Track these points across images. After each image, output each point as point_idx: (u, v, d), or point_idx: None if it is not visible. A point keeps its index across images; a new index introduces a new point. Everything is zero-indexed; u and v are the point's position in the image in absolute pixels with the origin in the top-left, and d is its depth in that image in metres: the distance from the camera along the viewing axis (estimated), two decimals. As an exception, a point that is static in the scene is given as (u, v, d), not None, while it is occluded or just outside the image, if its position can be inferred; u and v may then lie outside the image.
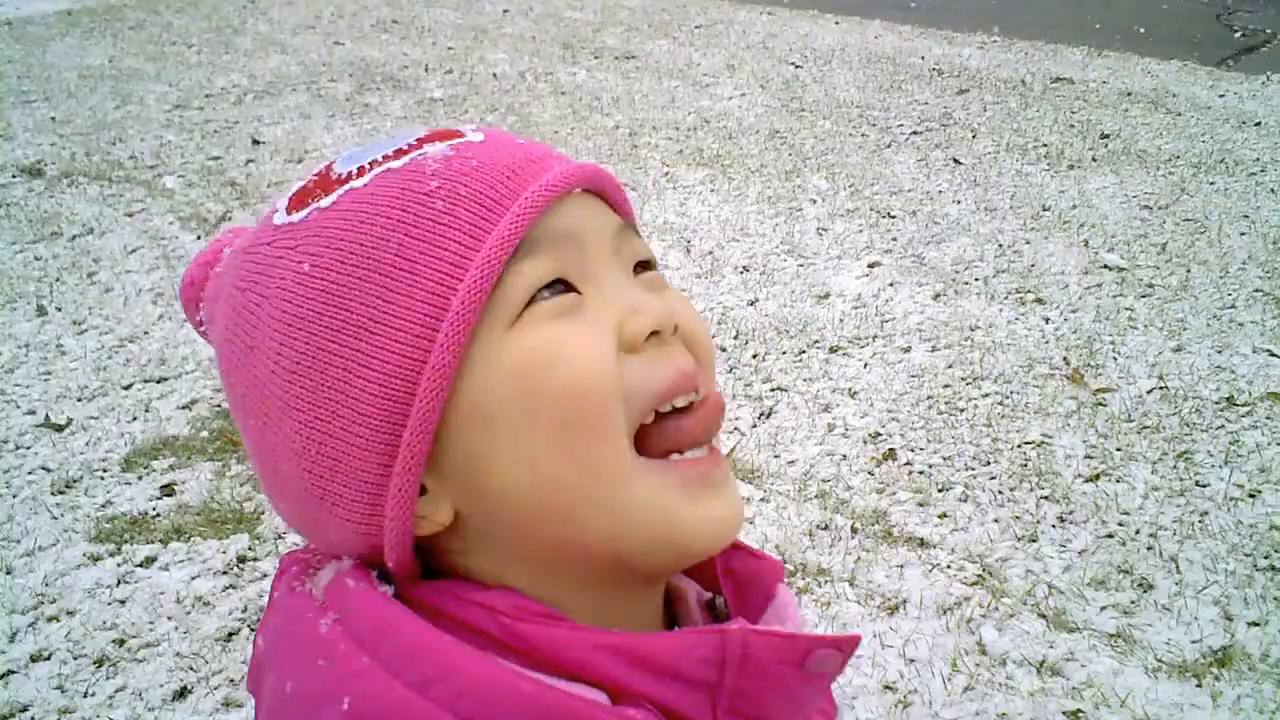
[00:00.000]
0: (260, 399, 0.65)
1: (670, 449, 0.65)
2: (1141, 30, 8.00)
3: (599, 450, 0.62)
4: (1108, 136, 6.00)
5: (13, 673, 2.53)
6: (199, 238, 4.83)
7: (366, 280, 0.62)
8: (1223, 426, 3.25)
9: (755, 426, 3.34)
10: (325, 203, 0.65)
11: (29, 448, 3.38)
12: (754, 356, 3.75)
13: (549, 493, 0.63)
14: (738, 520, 0.68)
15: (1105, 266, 4.38)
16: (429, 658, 0.60)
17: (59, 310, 4.23)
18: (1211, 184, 5.26)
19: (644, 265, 0.71)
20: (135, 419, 3.50)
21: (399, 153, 0.66)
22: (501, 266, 0.62)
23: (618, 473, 0.63)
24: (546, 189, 0.65)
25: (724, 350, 3.80)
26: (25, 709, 2.43)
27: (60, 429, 3.46)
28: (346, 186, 0.65)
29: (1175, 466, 3.06)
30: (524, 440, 0.62)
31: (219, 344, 0.69)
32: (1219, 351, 3.69)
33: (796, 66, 7.59)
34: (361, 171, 0.66)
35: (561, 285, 0.65)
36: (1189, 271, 4.31)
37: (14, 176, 5.67)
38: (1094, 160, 5.64)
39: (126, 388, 3.68)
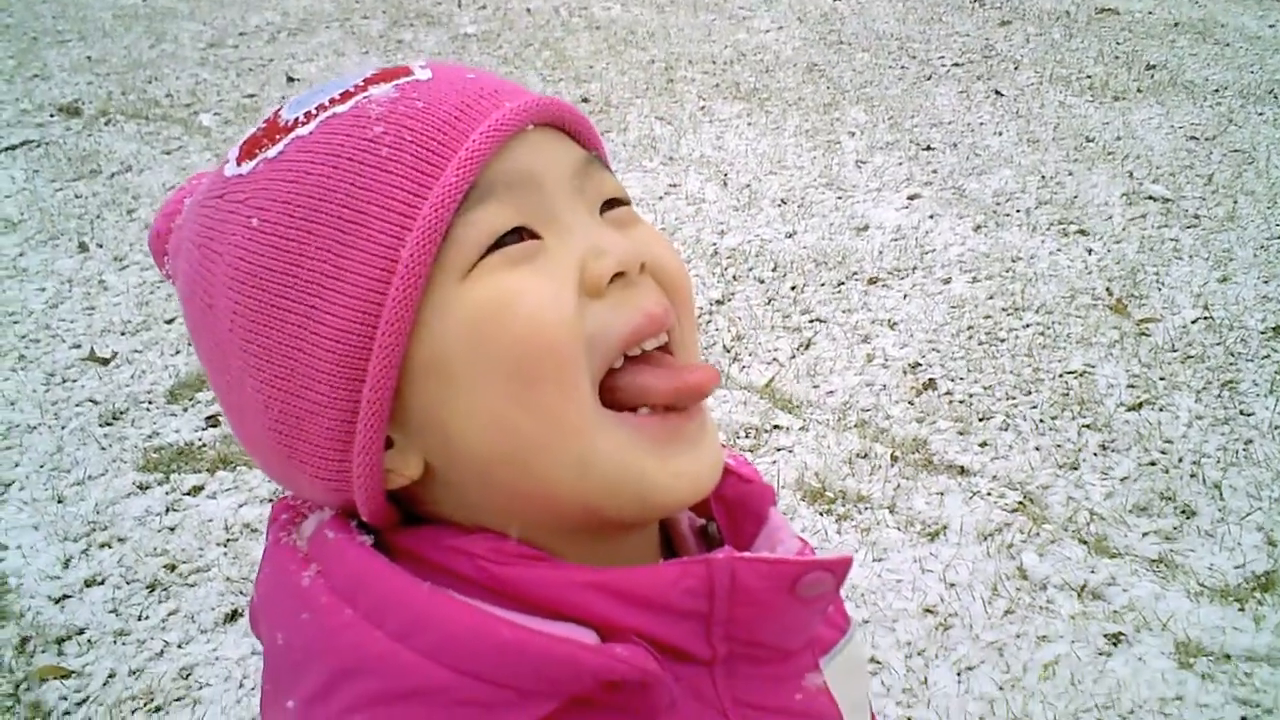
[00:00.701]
0: (223, 357, 0.64)
1: (637, 405, 0.63)
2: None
3: (558, 402, 0.60)
4: (1153, 67, 5.87)
5: (68, 597, 2.59)
6: (237, 175, 4.85)
7: (315, 235, 0.60)
8: (1269, 356, 3.20)
9: (794, 357, 3.33)
10: (272, 153, 0.63)
11: (76, 380, 3.43)
12: (792, 288, 3.73)
13: (510, 446, 0.61)
14: (713, 475, 0.65)
15: (1150, 198, 4.30)
16: (407, 607, 0.59)
17: (100, 247, 4.27)
18: (1260, 114, 5.14)
19: (614, 202, 0.68)
20: (179, 352, 3.54)
21: (345, 95, 0.63)
22: (451, 215, 0.60)
23: (581, 425, 0.60)
24: (495, 129, 0.62)
25: (762, 282, 3.78)
26: (82, 631, 2.49)
27: (105, 362, 3.50)
28: (293, 135, 0.63)
29: (1220, 395, 3.03)
30: (482, 393, 0.60)
31: (182, 299, 0.68)
32: (1265, 282, 3.63)
33: (834, -1, 7.47)
34: (309, 117, 0.63)
35: (520, 232, 0.62)
36: (1235, 202, 4.24)
37: (52, 115, 5.69)
38: (1139, 91, 5.53)
39: (169, 322, 3.72)
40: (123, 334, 3.67)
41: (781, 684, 0.68)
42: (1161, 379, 3.11)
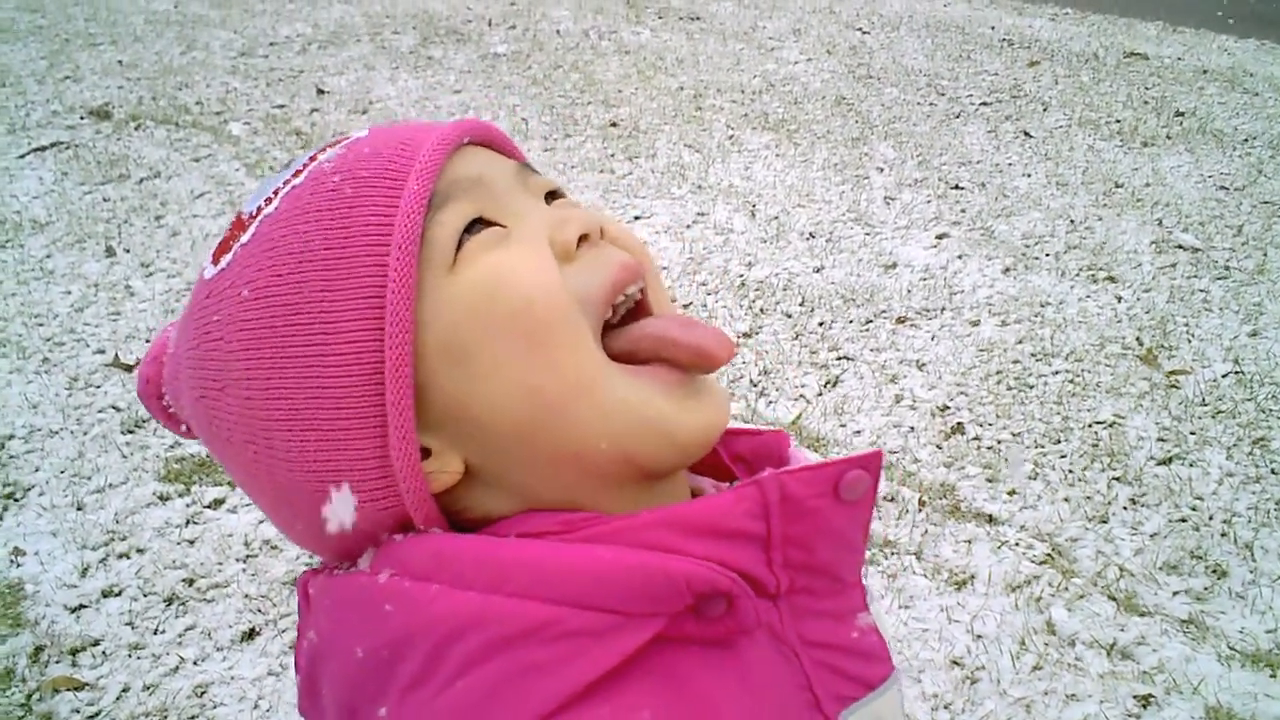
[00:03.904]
0: (245, 431, 0.66)
1: (652, 359, 0.67)
2: (1219, 13, 7.80)
3: (570, 358, 0.63)
4: (1183, 114, 5.86)
5: (84, 607, 2.57)
6: (264, 185, 4.86)
7: (306, 280, 0.64)
8: (1300, 414, 3.18)
9: (821, 395, 3.31)
10: (245, 238, 0.68)
11: (99, 386, 3.42)
12: (820, 324, 3.71)
13: (539, 410, 0.64)
14: (727, 413, 0.70)
15: (1180, 247, 4.29)
16: (494, 560, 0.61)
17: (127, 252, 4.27)
18: (1290, 166, 5.13)
19: (553, 194, 0.74)
20: (203, 362, 3.53)
21: (297, 173, 0.69)
22: (423, 218, 0.64)
23: (596, 375, 0.64)
24: (440, 144, 0.68)
25: (789, 316, 3.77)
26: (97, 643, 2.47)
27: (129, 369, 3.49)
28: (260, 218, 0.68)
29: (1251, 453, 3.00)
30: (499, 365, 0.63)
31: (191, 408, 0.70)
32: (1297, 338, 3.61)
33: (864, 32, 7.47)
34: (268, 201, 0.68)
35: (483, 223, 0.67)
36: (1265, 255, 4.22)
37: (82, 118, 5.71)
38: (1168, 138, 5.52)
39: (194, 331, 3.70)
40: (147, 341, 3.65)
41: (838, 622, 0.71)
42: (1192, 433, 3.08)
